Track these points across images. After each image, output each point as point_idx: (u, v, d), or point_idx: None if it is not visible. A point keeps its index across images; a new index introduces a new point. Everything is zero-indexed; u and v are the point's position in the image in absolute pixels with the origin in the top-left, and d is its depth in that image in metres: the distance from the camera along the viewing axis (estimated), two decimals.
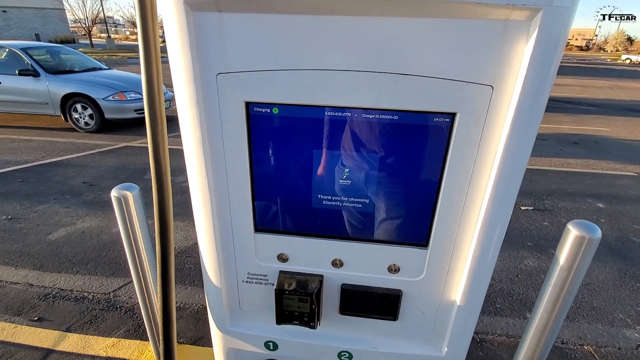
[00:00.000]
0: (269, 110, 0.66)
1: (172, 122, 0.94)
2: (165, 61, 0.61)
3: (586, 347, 2.12)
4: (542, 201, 4.07)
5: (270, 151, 0.70)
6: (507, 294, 2.53)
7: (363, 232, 0.76)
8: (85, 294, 2.44)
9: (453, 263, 0.74)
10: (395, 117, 0.64)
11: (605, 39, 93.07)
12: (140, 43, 0.66)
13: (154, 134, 0.69)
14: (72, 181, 4.29)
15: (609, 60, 46.39)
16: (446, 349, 0.83)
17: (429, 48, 0.57)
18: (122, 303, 2.37)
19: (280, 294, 0.77)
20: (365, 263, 0.77)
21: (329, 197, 0.73)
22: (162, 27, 0.67)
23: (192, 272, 2.71)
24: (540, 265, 2.88)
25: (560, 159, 5.60)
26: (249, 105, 0.66)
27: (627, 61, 42.07)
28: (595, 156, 5.85)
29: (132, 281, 2.60)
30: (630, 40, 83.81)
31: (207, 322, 2.28)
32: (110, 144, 5.79)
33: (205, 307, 2.37)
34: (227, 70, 0.62)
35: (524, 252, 3.04)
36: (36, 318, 2.18)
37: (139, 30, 0.65)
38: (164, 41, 0.68)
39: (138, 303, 2.39)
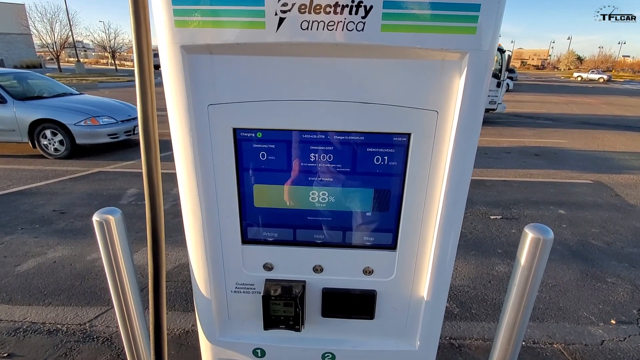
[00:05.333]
0: (253, 135, 0.76)
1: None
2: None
3: (555, 346, 2.26)
4: (510, 210, 4.33)
5: (255, 169, 0.79)
6: (481, 299, 2.67)
7: (340, 238, 0.86)
8: (58, 326, 2.34)
9: (419, 263, 0.84)
10: (362, 138, 0.75)
11: (558, 59, 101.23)
12: (136, 78, 0.74)
13: (148, 158, 0.76)
14: (41, 210, 4.12)
15: (562, 77, 50.33)
16: (418, 342, 0.92)
17: (386, 81, 0.70)
18: (99, 333, 2.29)
19: (267, 299, 0.83)
20: (343, 267, 0.86)
21: (308, 209, 0.82)
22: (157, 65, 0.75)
23: (172, 296, 2.67)
24: (510, 271, 3.04)
25: (524, 170, 5.99)
26: (236, 131, 0.75)
27: (579, 78, 45.79)
28: (555, 166, 6.30)
29: (109, 309, 2.53)
30: (580, 59, 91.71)
31: (190, 346, 2.25)
32: (82, 169, 5.63)
33: (187, 332, 2.34)
34: (217, 102, 0.71)
35: (495, 259, 3.21)
36: (5, 354, 2.07)
37: (135, 66, 0.73)
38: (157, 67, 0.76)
39: (116, 332, 2.32)
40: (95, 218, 1.54)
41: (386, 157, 0.76)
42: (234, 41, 0.64)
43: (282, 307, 0.84)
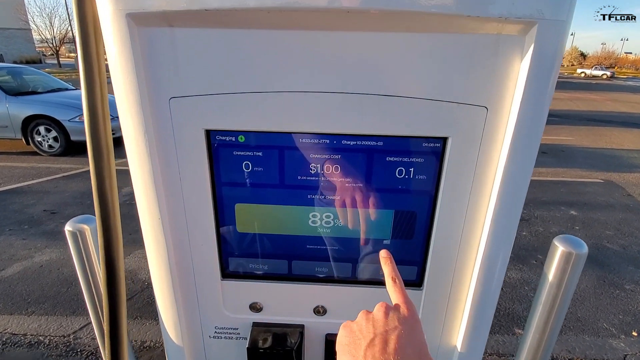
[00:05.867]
0: (234, 139, 0.57)
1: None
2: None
3: None
4: None
5: (237, 184, 0.60)
6: None
7: (348, 273, 0.68)
8: (40, 338, 2.19)
9: (452, 304, 0.66)
10: (380, 143, 0.57)
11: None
12: (80, 62, 0.56)
13: (98, 168, 0.58)
14: (31, 209, 3.97)
15: (565, 74, 49.70)
16: None
17: (416, 66, 0.51)
18: (83, 346, 2.13)
19: (253, 352, 0.66)
20: (352, 308, 0.68)
21: (309, 236, 0.64)
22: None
23: None
24: (523, 277, 2.88)
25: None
26: (209, 134, 0.57)
27: (582, 74, 45.15)
28: (563, 165, 6.10)
29: None
30: (583, 55, 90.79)
31: None
32: (76, 167, 5.46)
33: None
34: (182, 94, 0.53)
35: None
36: None
37: (78, 48, 0.55)
38: None
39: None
40: (67, 228, 1.35)
41: (412, 169, 0.58)
42: (201, 7, 0.46)
43: None
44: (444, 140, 0.55)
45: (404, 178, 0.58)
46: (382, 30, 0.49)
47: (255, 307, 0.69)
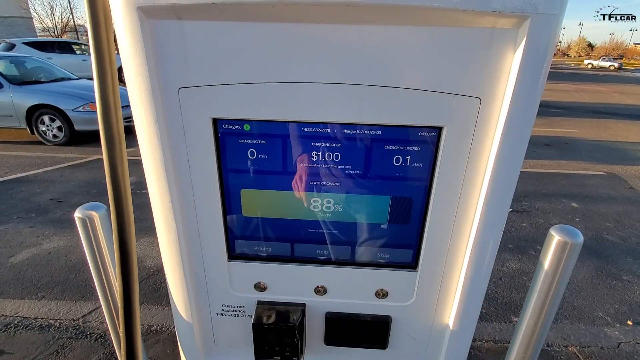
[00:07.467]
0: (239, 127, 0.60)
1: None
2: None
3: (570, 349, 2.14)
4: (520, 203, 4.17)
5: (242, 171, 0.64)
6: (491, 297, 2.54)
7: (347, 255, 0.71)
8: (51, 321, 2.26)
9: (445, 285, 0.70)
10: (378, 132, 0.60)
11: (569, 45, 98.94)
12: (92, 54, 0.59)
13: (111, 156, 0.62)
14: (38, 198, 4.03)
15: (572, 65, 48.93)
16: None
17: (413, 58, 0.54)
18: (92, 329, 2.20)
19: (258, 328, 0.70)
20: (350, 289, 0.72)
21: (309, 220, 0.68)
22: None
23: None
24: (522, 267, 2.92)
25: (534, 161, 5.78)
26: (217, 122, 0.60)
27: (589, 66, 44.48)
28: (566, 157, 6.09)
29: None
30: (590, 46, 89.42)
31: None
32: (81, 156, 5.52)
33: None
34: (191, 84, 0.56)
35: (506, 255, 3.07)
36: None
37: (90, 38, 0.58)
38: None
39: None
40: (77, 215, 1.40)
41: (409, 157, 0.61)
42: (209, 0, 0.48)
43: (277, 336, 0.71)
44: (439, 129, 0.58)
45: (401, 166, 0.62)
46: (381, 23, 0.51)
47: (259, 287, 0.73)
